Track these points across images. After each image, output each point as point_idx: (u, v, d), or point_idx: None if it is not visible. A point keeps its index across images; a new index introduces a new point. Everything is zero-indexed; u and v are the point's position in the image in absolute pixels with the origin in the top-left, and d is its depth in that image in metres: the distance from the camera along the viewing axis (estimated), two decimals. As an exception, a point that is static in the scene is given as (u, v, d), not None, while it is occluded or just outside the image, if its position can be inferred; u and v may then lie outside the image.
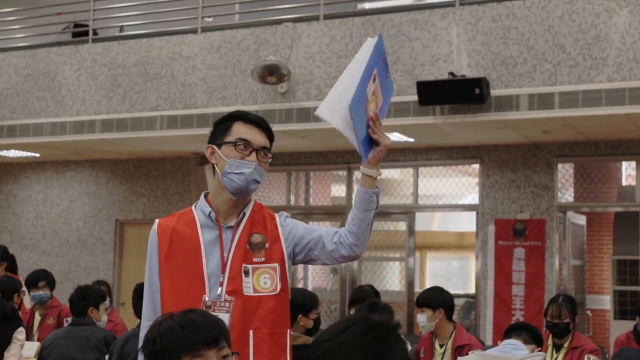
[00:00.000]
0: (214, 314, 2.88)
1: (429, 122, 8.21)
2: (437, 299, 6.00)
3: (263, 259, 3.18)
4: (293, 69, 8.64)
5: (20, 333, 6.18)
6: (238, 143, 3.15)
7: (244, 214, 3.23)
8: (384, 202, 10.55)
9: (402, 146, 9.64)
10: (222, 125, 3.22)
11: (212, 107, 8.99)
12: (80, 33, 10.51)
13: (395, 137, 8.99)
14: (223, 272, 3.15)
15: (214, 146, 3.20)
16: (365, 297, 6.12)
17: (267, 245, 3.20)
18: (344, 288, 10.11)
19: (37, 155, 11.27)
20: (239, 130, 3.18)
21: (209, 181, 9.37)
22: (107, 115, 9.66)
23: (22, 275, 7.87)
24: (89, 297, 6.12)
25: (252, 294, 3.14)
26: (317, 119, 8.93)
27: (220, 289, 3.13)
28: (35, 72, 10.20)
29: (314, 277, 10.63)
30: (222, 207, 3.23)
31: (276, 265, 3.19)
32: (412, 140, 9.22)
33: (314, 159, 10.28)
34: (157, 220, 3.33)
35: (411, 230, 9.89)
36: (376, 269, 10.46)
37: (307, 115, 8.63)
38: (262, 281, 3.16)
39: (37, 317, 7.43)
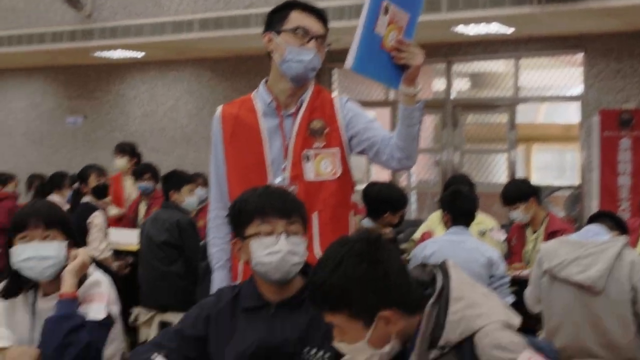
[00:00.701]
0: None
1: (527, 11, 7.94)
2: (524, 191, 5.93)
3: (323, 144, 3.25)
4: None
5: (95, 217, 6.48)
6: (297, 30, 3.17)
7: (303, 101, 3.29)
8: (486, 95, 10.35)
9: (501, 38, 9.35)
10: (279, 14, 3.23)
11: (308, 2, 8.90)
12: None
13: (494, 28, 8.74)
14: (285, 158, 3.25)
15: (272, 33, 3.23)
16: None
17: (326, 130, 3.27)
18: (445, 180, 10.05)
19: (141, 55, 11.47)
20: (297, 18, 3.19)
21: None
22: (204, 14, 9.73)
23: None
24: (169, 181, 6.37)
25: (313, 178, 3.24)
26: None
27: (283, 174, 3.23)
28: (134, -28, 10.31)
29: (417, 170, 10.58)
30: (282, 95, 3.29)
31: (336, 149, 3.27)
32: (511, 31, 8.93)
33: (413, 52, 10.10)
34: (220, 107, 3.46)
35: (512, 123, 9.71)
36: (479, 161, 10.35)
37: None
38: (323, 166, 3.25)
39: (142, 207, 7.82)
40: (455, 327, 2.08)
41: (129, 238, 6.84)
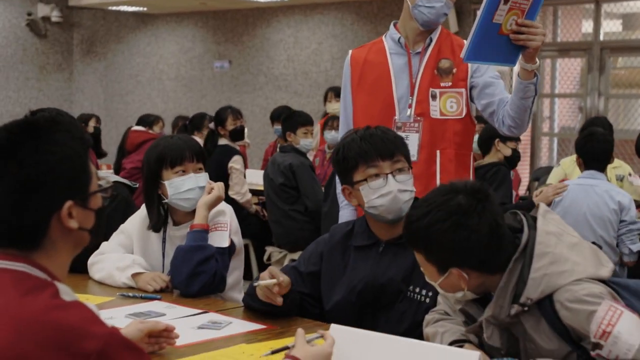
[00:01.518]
0: (403, 134, 3.16)
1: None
2: None
3: (450, 83, 3.33)
4: None
5: (235, 162, 6.64)
6: None
7: (431, 40, 3.38)
8: (637, 37, 9.94)
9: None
10: None
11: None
12: None
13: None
14: (412, 95, 3.34)
15: None
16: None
17: (454, 70, 3.33)
18: (590, 126, 9.77)
19: (286, -2, 11.62)
20: None
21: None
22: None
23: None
24: (286, 122, 6.45)
25: (438, 116, 3.32)
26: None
27: (409, 110, 3.33)
28: None
29: (560, 116, 10.33)
30: (411, 34, 3.39)
31: (462, 90, 3.33)
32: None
33: (561, -8, 9.81)
34: (350, 51, 3.58)
35: (664, 67, 9.29)
36: (625, 107, 9.97)
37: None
38: (449, 105, 3.31)
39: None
40: (537, 285, 2.10)
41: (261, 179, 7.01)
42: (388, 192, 2.61)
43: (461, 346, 2.22)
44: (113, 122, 13.78)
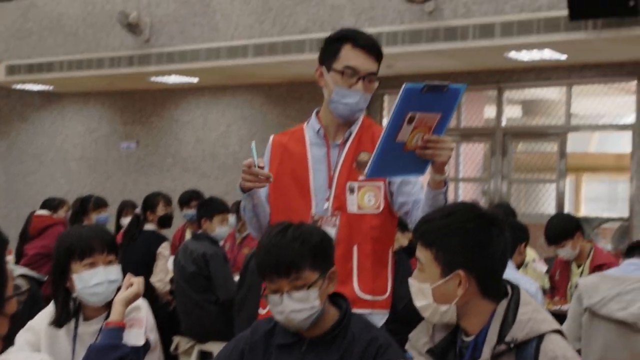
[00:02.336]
0: (321, 228, 3.00)
1: (581, 37, 7.87)
2: (569, 227, 5.83)
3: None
4: (439, -13, 8.46)
5: (164, 248, 6.52)
6: (345, 71, 3.17)
7: (351, 132, 3.29)
8: (537, 123, 10.26)
9: (554, 64, 9.29)
10: (331, 47, 3.24)
11: (359, 28, 8.93)
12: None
13: (547, 54, 8.69)
14: (330, 188, 3.25)
15: (323, 68, 3.24)
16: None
17: None
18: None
19: (196, 80, 11.63)
20: (347, 55, 3.18)
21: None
22: (259, 40, 9.82)
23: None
24: (202, 208, 6.29)
25: (356, 211, 3.22)
26: (465, 38, 8.71)
27: (327, 204, 3.23)
28: (191, -2, 10.47)
29: (464, 199, 10.52)
30: (331, 125, 3.32)
31: (381, 184, 3.24)
32: (564, 57, 8.87)
33: (463, 79, 10.06)
34: (272, 136, 3.49)
35: (563, 152, 9.60)
36: (527, 191, 10.24)
37: (454, 34, 8.45)
38: (367, 199, 3.23)
39: (188, 235, 7.81)
40: (522, 327, 2.25)
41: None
42: (281, 311, 2.57)
43: None
44: (14, 204, 13.43)
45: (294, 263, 2.56)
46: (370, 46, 3.20)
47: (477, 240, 2.26)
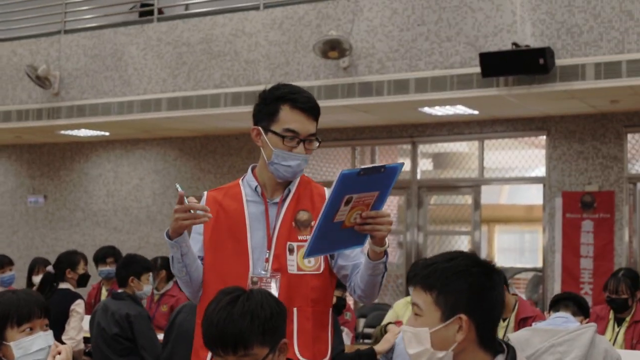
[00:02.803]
0: (269, 294, 2.86)
1: (493, 93, 8.10)
2: None
3: (308, 237, 3.01)
4: (355, 43, 8.60)
5: (78, 305, 6.28)
6: (286, 135, 3.05)
7: (290, 190, 3.17)
8: (450, 176, 10.46)
9: (466, 119, 9.53)
10: (268, 107, 3.09)
11: (275, 83, 8.98)
12: (146, 12, 10.63)
13: (460, 109, 8.91)
14: (269, 248, 3.09)
15: (260, 129, 3.10)
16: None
17: (313, 223, 3.10)
18: (410, 262, 10.08)
19: (107, 134, 11.48)
20: (286, 118, 3.05)
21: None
22: (173, 94, 9.78)
23: (94, 251, 8.06)
24: (130, 266, 5.96)
25: (295, 272, 3.08)
26: (380, 93, 8.83)
27: (266, 265, 3.07)
28: (102, 52, 10.36)
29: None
30: (268, 183, 3.18)
31: None
32: (476, 112, 9.11)
33: (378, 133, 10.24)
34: (205, 193, 3.30)
35: (477, 204, 9.80)
36: (442, 243, 10.40)
37: (369, 89, 8.59)
38: (307, 260, 3.08)
39: (104, 292, 7.61)
40: None
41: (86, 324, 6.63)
42: None
43: None
44: None
45: (243, 340, 2.38)
46: (309, 108, 3.08)
47: (481, 284, 2.25)
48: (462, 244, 10.21)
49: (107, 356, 5.71)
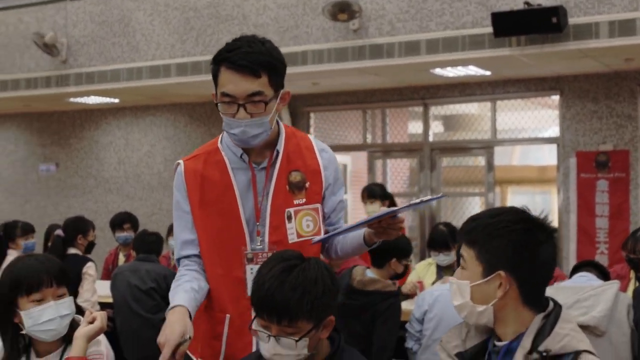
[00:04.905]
0: (255, 266, 2.74)
1: (505, 54, 7.99)
2: None
3: (304, 199, 2.88)
4: (364, 5, 8.49)
5: (89, 268, 6.35)
6: (223, 101, 2.75)
7: (278, 152, 2.88)
8: (463, 137, 10.37)
9: (478, 80, 9.43)
10: (213, 70, 2.78)
11: (284, 46, 8.88)
12: (152, -23, 10.51)
13: (471, 70, 8.81)
14: (258, 220, 2.84)
15: (213, 96, 2.82)
16: (441, 238, 6.00)
17: (307, 184, 2.89)
18: (423, 225, 10.05)
19: (116, 101, 11.42)
20: (223, 80, 2.72)
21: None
22: (181, 59, 9.70)
23: (107, 218, 8.09)
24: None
25: (296, 239, 2.85)
26: (391, 55, 8.74)
27: (259, 239, 2.84)
28: (109, 18, 10.28)
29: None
30: (251, 147, 2.84)
31: (318, 205, 2.92)
32: (488, 73, 9.00)
33: (389, 95, 10.14)
34: (181, 162, 2.95)
35: (490, 166, 9.73)
36: (455, 205, 10.35)
37: (379, 51, 8.49)
38: (305, 224, 2.88)
39: (122, 258, 7.66)
40: (559, 339, 2.17)
41: (102, 289, 6.68)
42: (266, 349, 2.37)
43: None
44: None
45: (289, 313, 2.30)
46: (246, 64, 2.68)
47: (522, 243, 2.19)
48: (476, 205, 10.15)
49: (136, 312, 5.88)
